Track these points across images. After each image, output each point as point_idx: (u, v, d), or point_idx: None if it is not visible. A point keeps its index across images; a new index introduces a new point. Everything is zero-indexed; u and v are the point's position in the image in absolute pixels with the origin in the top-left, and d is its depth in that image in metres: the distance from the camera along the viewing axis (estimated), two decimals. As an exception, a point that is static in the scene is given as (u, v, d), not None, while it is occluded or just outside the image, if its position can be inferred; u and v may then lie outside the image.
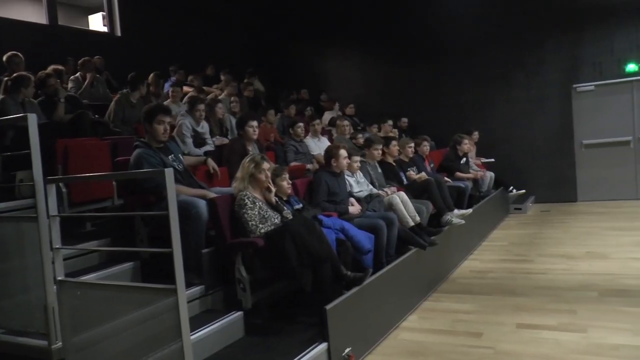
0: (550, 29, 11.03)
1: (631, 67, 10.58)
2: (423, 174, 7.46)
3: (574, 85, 11.05)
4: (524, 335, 4.48)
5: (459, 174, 8.65)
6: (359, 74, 12.88)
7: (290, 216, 4.64)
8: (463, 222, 6.77)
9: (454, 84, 11.80)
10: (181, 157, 5.02)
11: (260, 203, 4.53)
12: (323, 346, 3.89)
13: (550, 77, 11.15)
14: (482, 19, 11.47)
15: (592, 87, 10.94)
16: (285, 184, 4.87)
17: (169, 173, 2.95)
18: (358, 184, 6.18)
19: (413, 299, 5.45)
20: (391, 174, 7.12)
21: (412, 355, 4.28)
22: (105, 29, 11.27)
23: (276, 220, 4.56)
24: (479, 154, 10.78)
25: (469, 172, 9.00)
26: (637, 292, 5.36)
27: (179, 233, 2.96)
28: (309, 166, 7.17)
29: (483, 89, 11.61)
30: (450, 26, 11.70)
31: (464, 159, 9.07)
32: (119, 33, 11.11)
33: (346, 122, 8.84)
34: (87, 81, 8.29)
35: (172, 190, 2.95)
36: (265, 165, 4.65)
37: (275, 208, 4.67)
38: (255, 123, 6.09)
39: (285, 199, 4.94)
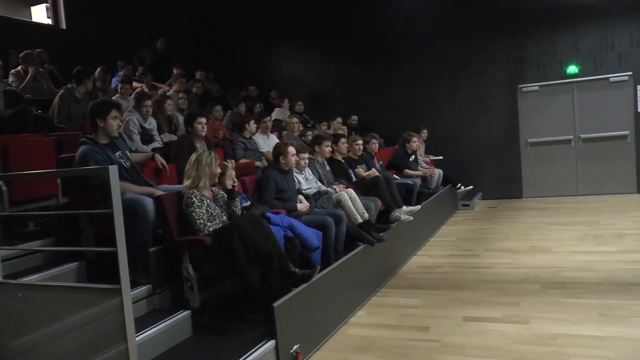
0: (496, 30, 11.28)
1: (572, 69, 10.94)
2: (372, 171, 7.53)
3: (519, 86, 11.34)
4: (469, 328, 4.59)
5: (407, 171, 8.77)
6: (309, 71, 12.90)
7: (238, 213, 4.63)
8: (411, 218, 6.87)
9: (403, 83, 11.93)
10: (129, 154, 4.93)
11: (208, 201, 4.49)
12: (271, 344, 3.89)
13: (496, 77, 11.41)
14: (431, 20, 11.64)
15: (536, 88, 11.27)
16: (230, 181, 4.83)
17: (113, 170, 2.89)
18: (307, 181, 6.20)
19: (362, 294, 5.51)
20: (340, 171, 7.17)
21: (360, 351, 4.33)
22: (49, 21, 10.94)
23: (224, 218, 4.54)
24: (427, 152, 10.96)
25: (418, 170, 9.14)
26: (576, 284, 5.56)
27: (124, 232, 2.91)
28: (257, 163, 7.14)
29: (432, 88, 11.79)
30: (400, 26, 11.82)
31: (413, 157, 9.20)
32: (63, 25, 10.80)
33: (295, 120, 8.86)
34: (29, 75, 8.03)
35: (117, 187, 2.89)
36: (215, 162, 4.61)
37: (227, 203, 4.65)
38: (203, 120, 6.04)
39: (229, 188, 4.88)
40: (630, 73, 10.60)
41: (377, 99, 12.06)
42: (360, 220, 5.97)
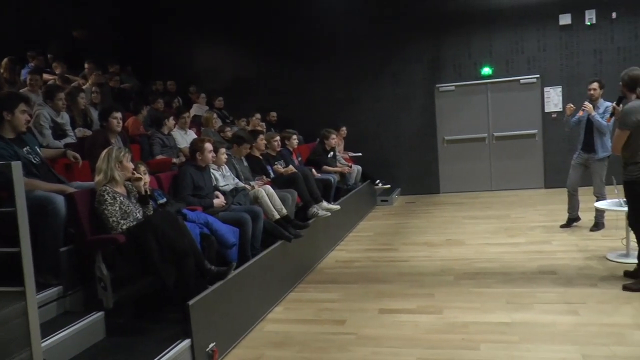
0: (414, 31, 11.57)
1: (486, 70, 11.41)
2: (290, 167, 7.52)
3: (437, 85, 11.67)
4: (385, 320, 4.67)
5: (326, 167, 8.83)
6: (229, 66, 12.72)
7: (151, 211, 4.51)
8: (329, 214, 6.92)
9: (323, 80, 12.01)
10: (38, 149, 4.68)
11: (122, 198, 4.34)
12: (186, 343, 3.81)
13: (414, 76, 11.70)
14: (352, 19, 11.78)
15: (452, 88, 11.63)
16: (143, 187, 4.65)
17: (16, 167, 2.73)
18: (224, 177, 6.11)
19: (279, 290, 5.49)
20: (258, 167, 7.11)
21: (277, 346, 4.31)
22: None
23: (138, 215, 4.40)
24: (347, 149, 11.08)
25: (336, 166, 9.22)
26: (487, 274, 5.79)
27: (33, 231, 2.77)
28: (175, 160, 6.98)
29: (351, 86, 11.93)
30: (321, 23, 11.90)
31: (332, 153, 9.27)
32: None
33: (214, 115, 8.73)
34: None
35: (21, 185, 2.74)
36: (127, 157, 4.47)
37: (141, 200, 4.51)
38: (119, 114, 5.83)
39: (143, 194, 4.74)
40: (538, 76, 11.19)
41: (297, 96, 12.07)
42: (277, 216, 5.94)
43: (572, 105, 7.25)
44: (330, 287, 5.77)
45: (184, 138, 7.54)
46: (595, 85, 7.11)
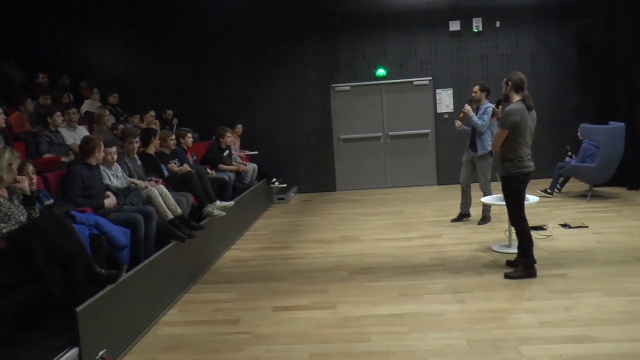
0: (310, 31, 11.69)
1: (380, 71, 11.74)
2: (185, 165, 7.40)
3: (332, 85, 11.87)
4: (279, 317, 4.71)
5: (221, 166, 8.75)
6: (124, 61, 12.20)
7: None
8: (224, 213, 6.87)
9: (219, 78, 11.86)
10: None
11: (2, 199, 4.09)
12: (74, 352, 3.65)
13: (310, 76, 11.82)
14: (249, 17, 11.71)
15: (348, 88, 11.86)
16: (27, 182, 4.42)
17: None
18: (116, 177, 5.92)
19: (173, 292, 5.38)
20: (152, 166, 6.93)
21: (170, 350, 4.23)
22: None
23: (22, 218, 4.17)
24: (243, 147, 11.03)
25: (232, 164, 9.16)
26: (380, 268, 5.98)
27: None
28: (64, 159, 6.67)
29: (248, 84, 11.86)
30: (217, 21, 11.73)
31: (227, 152, 9.19)
32: None
33: (106, 112, 8.42)
34: None
35: None
36: (17, 162, 4.23)
37: (26, 202, 4.27)
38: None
39: (28, 194, 4.51)
40: (430, 78, 11.68)
41: (193, 93, 11.83)
42: (171, 216, 5.82)
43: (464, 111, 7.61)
44: (225, 287, 5.73)
45: (73, 136, 7.22)
46: (476, 88, 7.58)
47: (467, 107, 7.46)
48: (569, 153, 9.74)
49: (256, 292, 5.45)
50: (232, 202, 7.36)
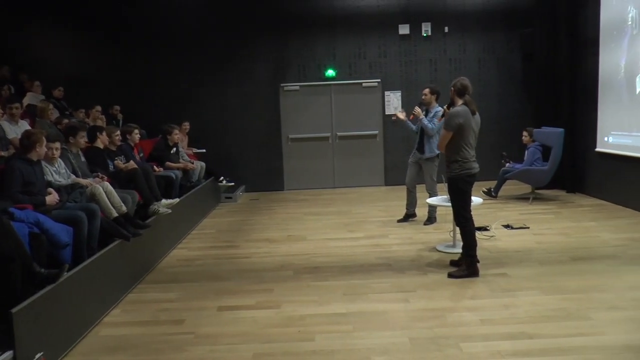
0: (261, 30, 11.66)
1: (330, 72, 11.81)
2: (130, 162, 7.27)
3: (282, 84, 11.86)
4: (224, 317, 4.68)
5: (168, 163, 8.63)
6: (70, 54, 11.79)
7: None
8: (170, 211, 6.78)
9: (168, 74, 11.65)
10: None
11: None
12: (8, 355, 3.49)
13: (260, 75, 11.79)
14: (198, 14, 11.58)
15: (297, 87, 11.88)
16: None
17: None
18: (58, 173, 5.76)
19: (117, 292, 5.28)
20: (97, 162, 6.79)
21: (112, 351, 4.14)
22: None
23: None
24: (191, 145, 10.92)
25: (179, 162, 9.05)
26: (325, 268, 6.03)
27: None
28: (3, 153, 6.45)
29: (197, 82, 11.73)
30: (168, 17, 11.54)
31: (174, 149, 9.07)
32: None
33: (50, 106, 8.19)
34: None
35: None
36: None
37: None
38: None
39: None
40: (379, 80, 11.83)
41: (141, 89, 11.58)
42: (116, 214, 5.70)
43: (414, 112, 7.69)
44: (170, 286, 5.65)
45: (14, 130, 6.98)
46: (426, 91, 7.68)
47: (418, 110, 7.57)
48: (507, 160, 9.95)
49: (201, 291, 5.41)
50: (176, 200, 7.26)
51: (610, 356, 3.71)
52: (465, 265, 5.58)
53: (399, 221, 8.09)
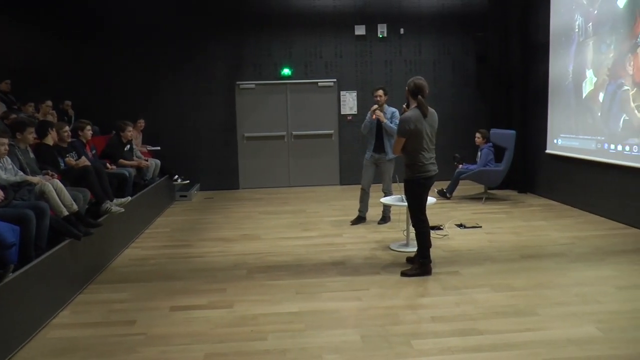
0: (217, 28, 11.60)
1: (286, 71, 11.82)
2: (82, 159, 7.11)
3: (238, 82, 11.81)
4: (176, 317, 4.63)
5: (122, 161, 8.47)
6: (19, 46, 11.35)
7: None
8: (122, 210, 6.67)
9: (123, 70, 11.46)
10: None
11: None
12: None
13: (216, 72, 11.72)
14: (154, 9, 11.39)
15: (253, 86, 11.85)
16: None
17: None
18: (4, 170, 5.59)
19: (67, 293, 5.15)
20: (47, 159, 6.61)
21: (58, 354, 4.03)
22: None
23: None
24: (145, 142, 10.76)
25: (133, 160, 8.90)
26: (279, 267, 6.03)
27: None
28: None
29: (153, 78, 11.57)
30: (123, 11, 11.31)
31: (128, 146, 8.92)
32: None
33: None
34: None
35: None
36: None
37: None
38: None
39: None
40: (335, 80, 11.90)
41: (94, 84, 11.33)
42: (66, 212, 5.57)
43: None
44: (122, 286, 5.55)
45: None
46: (380, 92, 7.69)
47: (380, 114, 7.57)
48: (460, 162, 10.13)
49: (154, 291, 5.33)
50: (129, 198, 7.13)
51: (554, 350, 3.83)
52: (418, 264, 5.67)
53: (352, 223, 8.08)
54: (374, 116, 7.60)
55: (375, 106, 7.62)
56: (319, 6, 11.68)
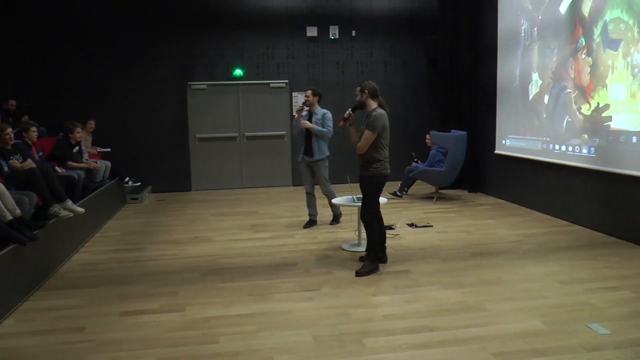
0: (168, 27, 11.44)
1: (238, 72, 11.78)
2: (28, 161, 6.90)
3: (189, 83, 11.70)
4: (126, 322, 4.56)
5: (70, 163, 8.27)
6: None
7: None
8: (71, 214, 6.51)
9: (71, 69, 11.15)
10: None
11: None
12: None
13: (167, 73, 11.56)
14: (103, 7, 11.16)
15: (204, 86, 11.76)
16: None
17: None
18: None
19: (11, 301, 4.97)
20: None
21: (3, 364, 3.94)
22: None
23: None
24: (95, 143, 10.54)
25: (82, 162, 8.71)
26: (232, 269, 6.01)
27: None
28: None
29: (102, 78, 11.31)
30: (72, 8, 11.02)
31: (77, 148, 8.72)
32: None
33: None
34: None
35: None
36: None
37: None
38: None
39: None
40: (287, 81, 11.94)
41: (41, 83, 11.01)
42: (10, 217, 5.40)
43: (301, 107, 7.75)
44: (70, 292, 5.42)
45: None
46: (309, 92, 7.70)
47: (306, 122, 7.58)
48: (416, 160, 10.40)
49: (104, 297, 5.23)
50: (82, 210, 6.90)
51: (502, 343, 3.95)
52: (369, 261, 5.76)
53: (304, 227, 8.01)
54: (301, 121, 7.60)
55: (301, 106, 7.70)
56: (271, 7, 11.67)
